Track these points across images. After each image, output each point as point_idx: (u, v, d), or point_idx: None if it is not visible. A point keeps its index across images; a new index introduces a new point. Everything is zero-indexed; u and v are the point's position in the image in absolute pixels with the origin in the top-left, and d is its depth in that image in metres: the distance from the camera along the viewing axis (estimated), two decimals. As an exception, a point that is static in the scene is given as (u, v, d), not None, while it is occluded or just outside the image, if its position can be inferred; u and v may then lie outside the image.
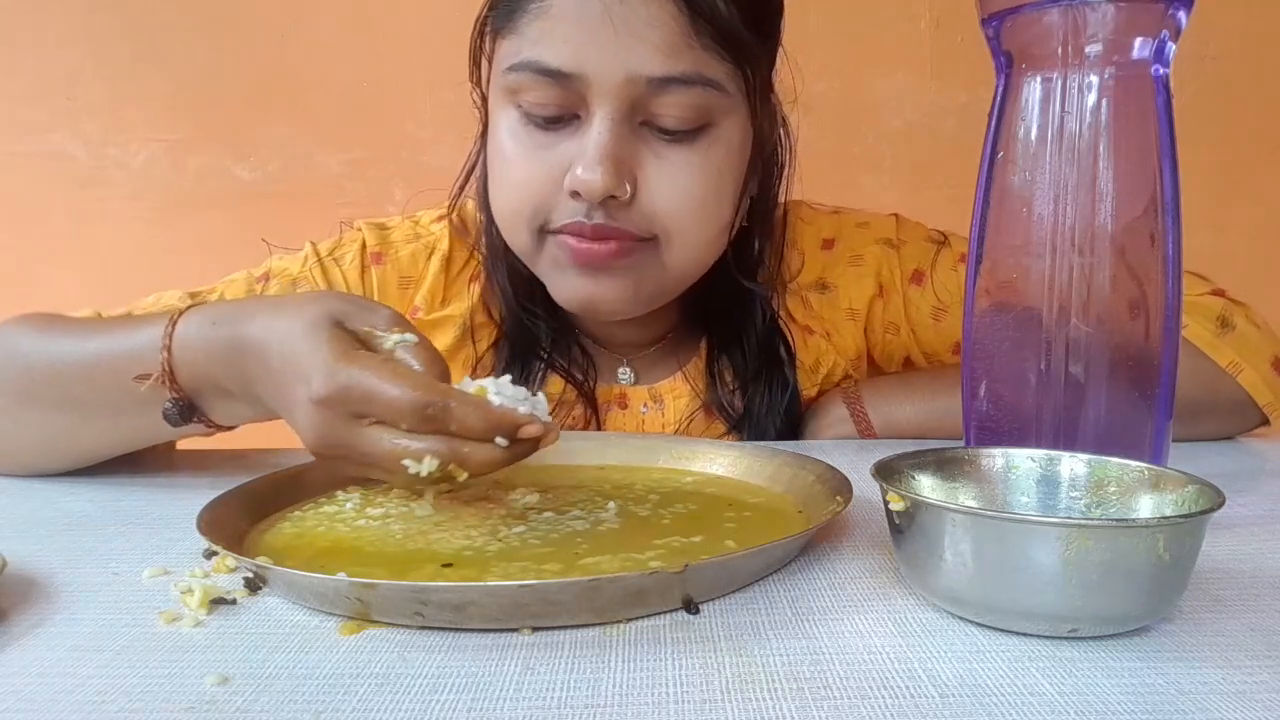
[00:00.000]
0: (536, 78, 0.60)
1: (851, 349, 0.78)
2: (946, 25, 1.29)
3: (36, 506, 0.55)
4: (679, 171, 0.62)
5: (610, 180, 0.59)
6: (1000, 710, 0.29)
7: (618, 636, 0.35)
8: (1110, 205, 0.45)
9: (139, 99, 1.33)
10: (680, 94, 0.60)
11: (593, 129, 0.60)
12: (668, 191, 0.62)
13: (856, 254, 0.77)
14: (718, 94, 0.61)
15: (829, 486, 0.48)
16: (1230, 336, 0.67)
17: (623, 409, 0.76)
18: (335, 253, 0.77)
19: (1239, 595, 0.39)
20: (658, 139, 0.62)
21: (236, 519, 0.46)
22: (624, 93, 0.59)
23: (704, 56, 0.60)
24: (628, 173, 0.61)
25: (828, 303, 0.77)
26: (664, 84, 0.59)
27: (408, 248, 0.77)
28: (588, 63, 0.59)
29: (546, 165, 0.62)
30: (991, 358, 0.49)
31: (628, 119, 0.61)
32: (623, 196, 0.61)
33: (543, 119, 0.62)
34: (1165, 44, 0.45)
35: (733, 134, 0.64)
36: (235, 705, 0.30)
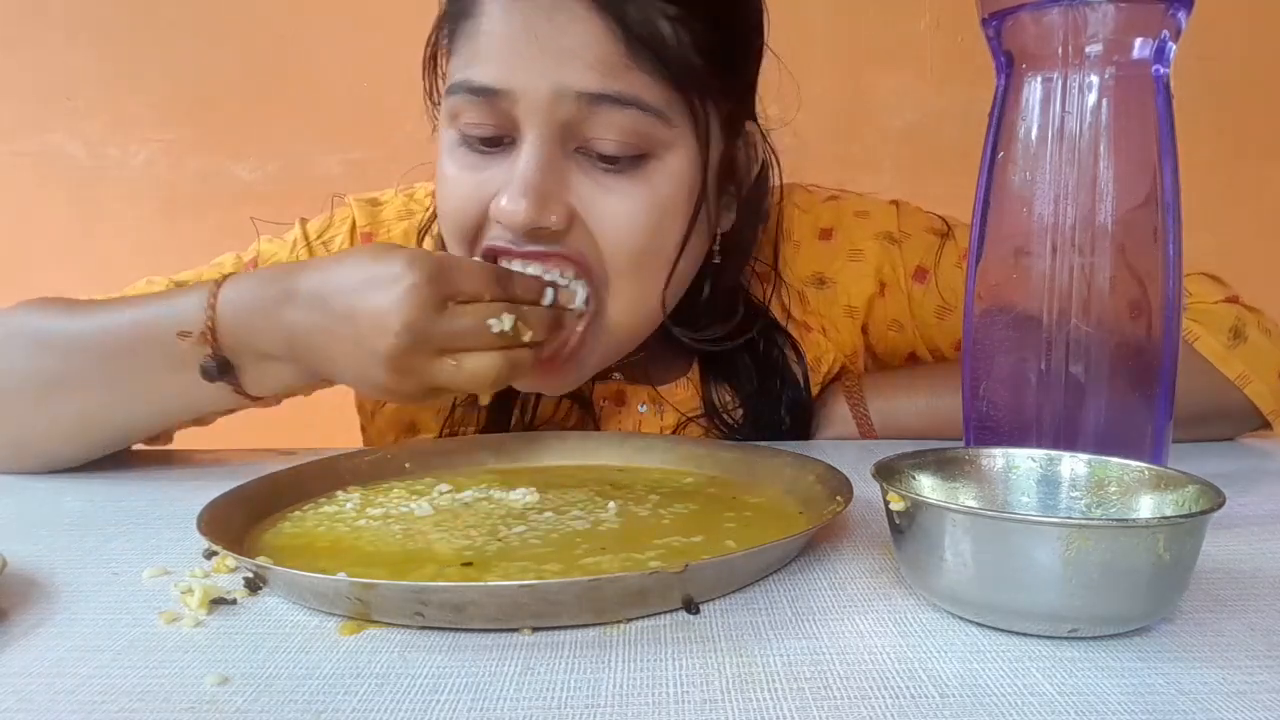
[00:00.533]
0: (468, 98, 0.58)
1: (848, 345, 0.77)
2: (946, 25, 1.29)
3: (36, 506, 0.55)
4: (618, 201, 0.58)
5: (533, 212, 0.56)
6: (1000, 710, 0.29)
7: (618, 636, 0.35)
8: (1110, 205, 0.45)
9: (139, 99, 1.33)
10: (614, 115, 0.56)
11: (520, 155, 0.57)
12: (607, 221, 0.58)
13: (856, 248, 0.75)
14: (658, 122, 0.57)
15: (829, 486, 0.48)
16: (1242, 348, 0.66)
17: (619, 405, 0.74)
18: (325, 234, 0.76)
19: (1239, 595, 0.39)
20: (594, 167, 0.58)
21: (236, 519, 0.46)
22: (553, 111, 0.56)
23: (642, 79, 0.56)
24: (557, 202, 0.57)
25: (825, 299, 0.75)
26: (595, 101, 0.55)
27: (400, 225, 0.76)
28: (514, 79, 0.56)
29: (479, 188, 0.59)
30: (991, 358, 0.49)
31: (559, 143, 0.57)
32: (552, 226, 0.57)
33: (477, 140, 0.59)
34: (1165, 44, 0.45)
35: (679, 166, 0.59)
36: (235, 705, 0.30)
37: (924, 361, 0.79)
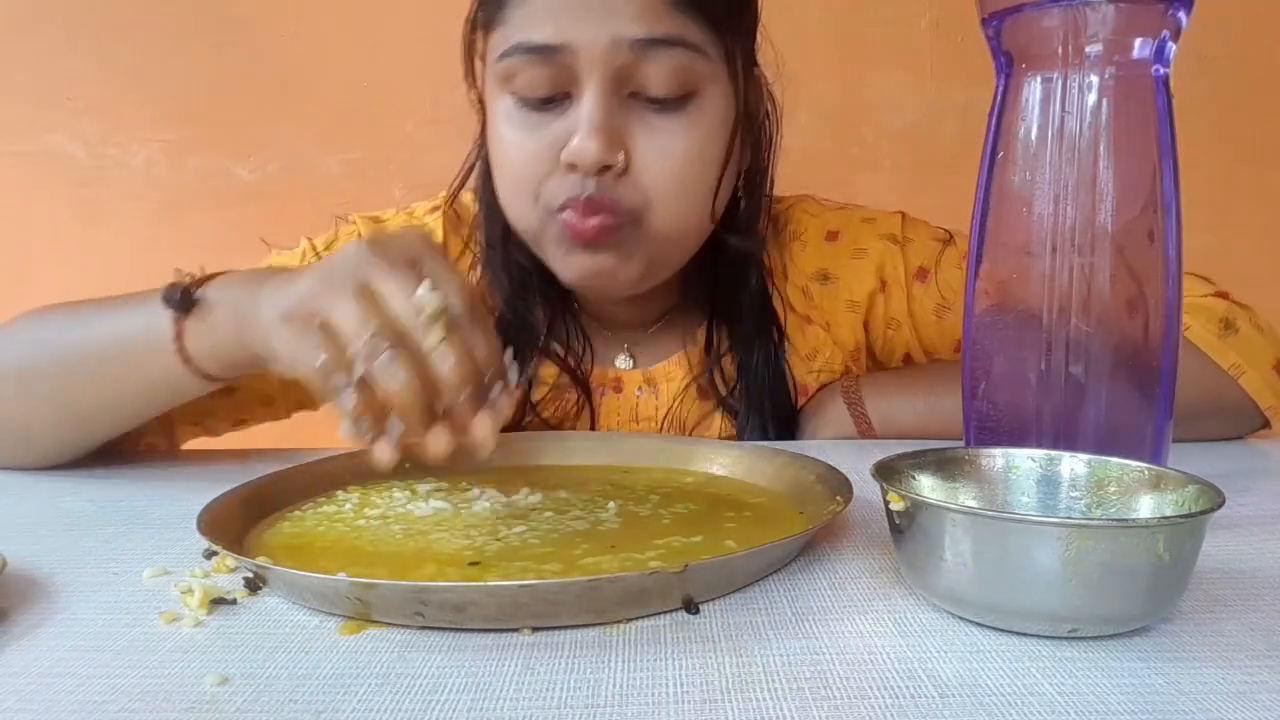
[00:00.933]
0: (527, 58, 0.62)
1: (850, 341, 0.78)
2: (946, 25, 1.29)
3: (36, 506, 0.55)
4: (668, 139, 0.64)
5: (603, 150, 0.61)
6: (1000, 710, 0.29)
7: (618, 636, 0.35)
8: (1110, 205, 0.45)
9: (139, 99, 1.33)
10: (664, 57, 0.62)
11: (584, 103, 0.62)
12: (658, 160, 0.64)
13: (860, 247, 0.78)
14: (700, 58, 0.63)
15: (829, 486, 0.48)
16: (1233, 339, 0.67)
17: (617, 392, 0.77)
18: (332, 247, 0.78)
19: (1239, 595, 0.39)
20: (646, 109, 0.64)
21: (236, 519, 0.46)
22: (610, 60, 0.61)
23: (683, 21, 0.62)
24: (619, 143, 0.63)
25: (828, 294, 0.78)
26: (647, 46, 0.61)
27: None
28: (573, 34, 0.61)
29: (542, 143, 0.64)
30: (991, 358, 0.49)
31: (616, 90, 0.63)
32: (616, 166, 0.63)
33: (536, 100, 0.64)
34: (1165, 44, 0.45)
35: (718, 102, 0.66)
36: (235, 705, 0.30)
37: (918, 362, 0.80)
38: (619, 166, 0.63)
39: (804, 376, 0.78)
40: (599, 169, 0.62)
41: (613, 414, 0.77)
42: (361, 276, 0.45)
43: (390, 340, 0.43)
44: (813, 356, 0.78)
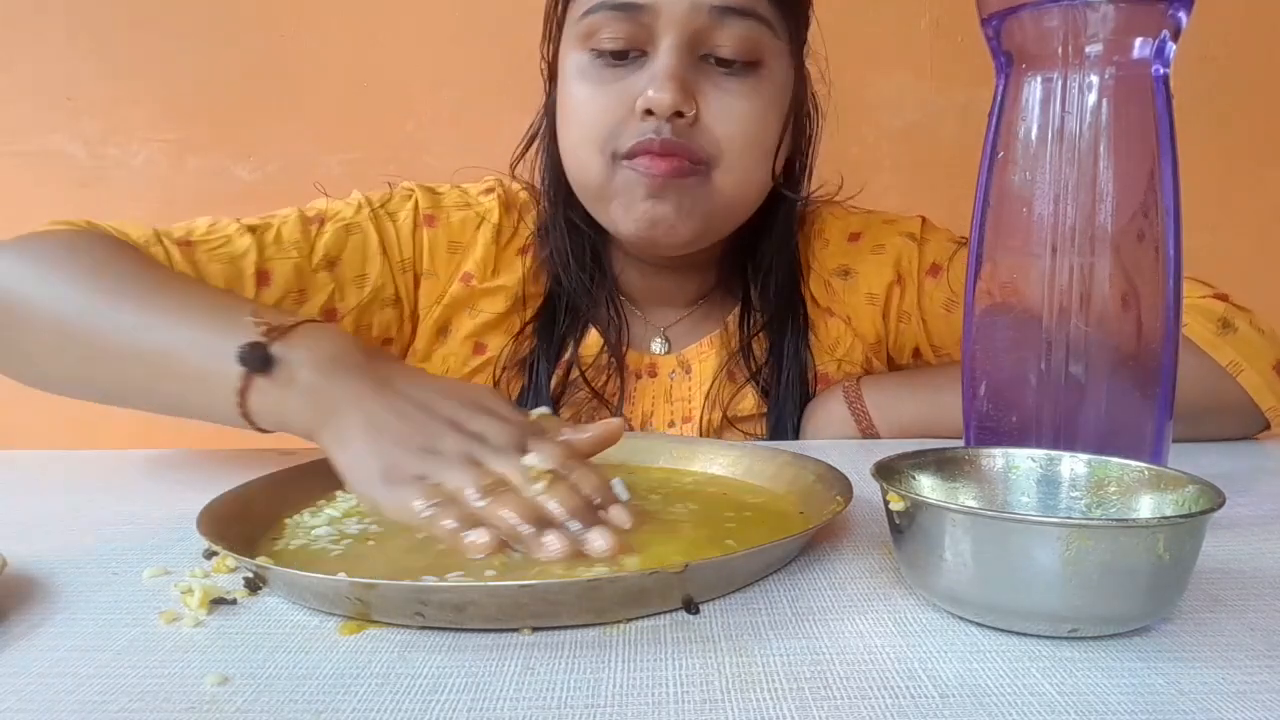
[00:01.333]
0: (610, 14, 0.67)
1: (870, 333, 0.81)
2: (946, 25, 1.29)
3: (36, 506, 0.55)
4: (734, 100, 0.69)
5: (678, 96, 0.66)
6: (1000, 710, 0.29)
7: (618, 636, 0.35)
8: (1110, 205, 0.45)
9: (139, 99, 1.33)
10: (736, 26, 0.67)
11: (659, 57, 0.67)
12: (724, 116, 0.69)
13: (879, 243, 0.81)
14: (768, 32, 0.69)
15: (829, 486, 0.48)
16: (1231, 337, 0.67)
17: (652, 377, 0.80)
18: (389, 205, 0.79)
19: (1239, 595, 0.39)
20: (715, 70, 0.69)
21: (236, 519, 0.46)
22: (688, 21, 0.66)
23: None
24: (692, 95, 0.67)
25: (849, 287, 0.81)
26: (723, 14, 0.67)
27: (459, 214, 0.80)
28: None
29: (618, 94, 0.68)
30: (991, 358, 0.49)
31: (690, 49, 0.67)
32: (688, 113, 0.67)
33: (611, 55, 0.68)
34: (1165, 44, 0.45)
35: (779, 75, 0.71)
36: (235, 705, 0.30)
37: (927, 359, 0.81)
38: (690, 115, 0.67)
39: (826, 365, 0.80)
40: (673, 114, 0.66)
41: (647, 395, 0.80)
42: (469, 451, 0.46)
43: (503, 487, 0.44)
44: (834, 347, 0.80)
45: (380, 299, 0.77)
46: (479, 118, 1.26)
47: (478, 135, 1.26)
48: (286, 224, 0.75)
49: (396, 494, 0.45)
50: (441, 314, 0.79)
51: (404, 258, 0.78)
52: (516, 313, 0.79)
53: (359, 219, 0.77)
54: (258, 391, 0.51)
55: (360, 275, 0.76)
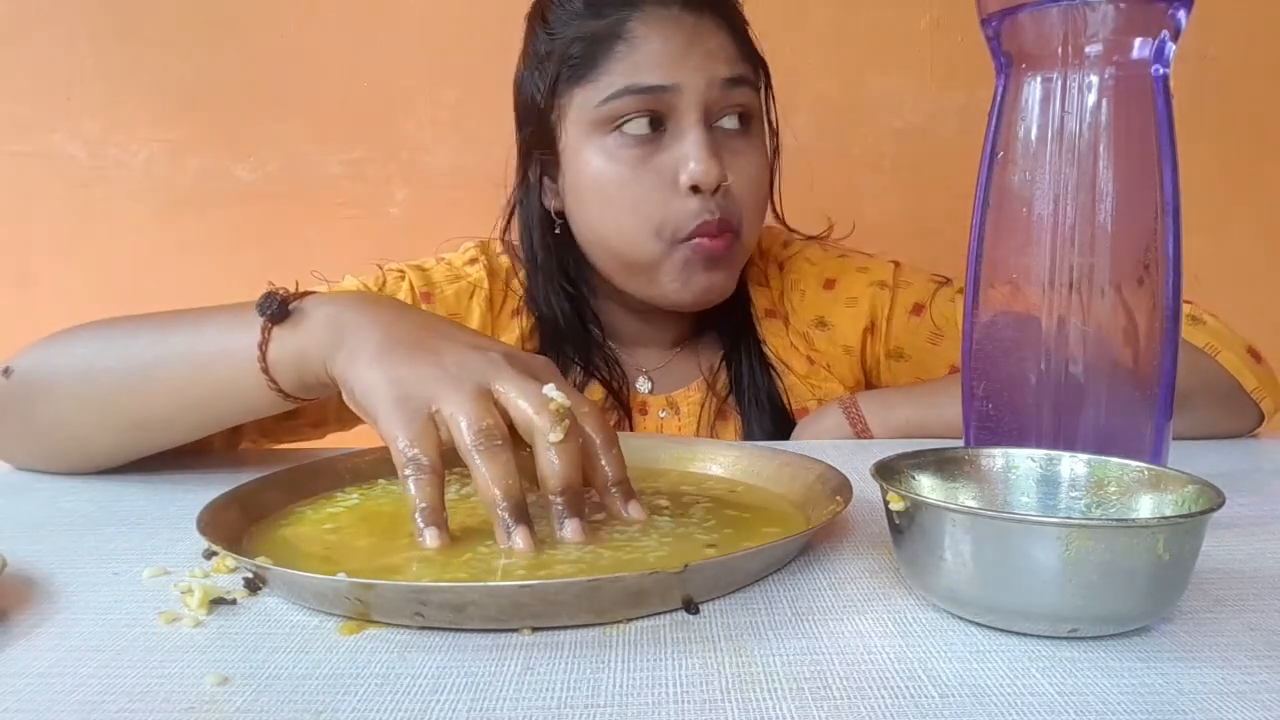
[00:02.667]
0: (637, 99, 0.72)
1: (850, 379, 0.86)
2: (946, 25, 1.29)
3: (36, 506, 0.55)
4: (746, 162, 0.76)
5: (719, 170, 0.72)
6: (1000, 710, 0.29)
7: (618, 636, 0.35)
8: (1110, 205, 0.45)
9: (139, 99, 1.33)
10: (738, 93, 0.74)
11: (689, 132, 0.73)
12: (744, 179, 0.75)
13: (852, 295, 0.85)
14: (754, 94, 0.77)
15: (829, 486, 0.48)
16: (1202, 328, 0.70)
17: (643, 415, 0.84)
18: (386, 288, 0.81)
19: (1239, 595, 0.39)
20: (727, 137, 0.75)
21: (236, 519, 0.46)
22: (706, 95, 0.73)
23: (746, 65, 0.76)
24: (723, 165, 0.73)
25: (826, 339, 0.85)
26: (731, 85, 0.74)
27: (451, 287, 0.83)
28: (681, 74, 0.72)
29: (656, 171, 0.73)
30: (991, 358, 0.49)
31: (709, 121, 0.74)
32: (726, 184, 0.73)
33: (642, 136, 0.73)
34: (1165, 44, 0.45)
35: (762, 130, 0.79)
36: (235, 705, 0.30)
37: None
38: (727, 183, 0.73)
39: (807, 400, 0.83)
40: (715, 188, 0.72)
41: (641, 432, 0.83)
42: (485, 379, 0.45)
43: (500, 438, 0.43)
44: (816, 387, 0.84)
45: None
46: (479, 118, 1.26)
47: (478, 135, 1.26)
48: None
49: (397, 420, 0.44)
50: None
51: None
52: None
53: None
54: (277, 341, 0.52)
55: None
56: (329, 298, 0.53)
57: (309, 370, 0.51)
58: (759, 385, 0.82)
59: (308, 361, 0.51)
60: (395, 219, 1.30)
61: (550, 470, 0.43)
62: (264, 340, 0.52)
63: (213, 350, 0.55)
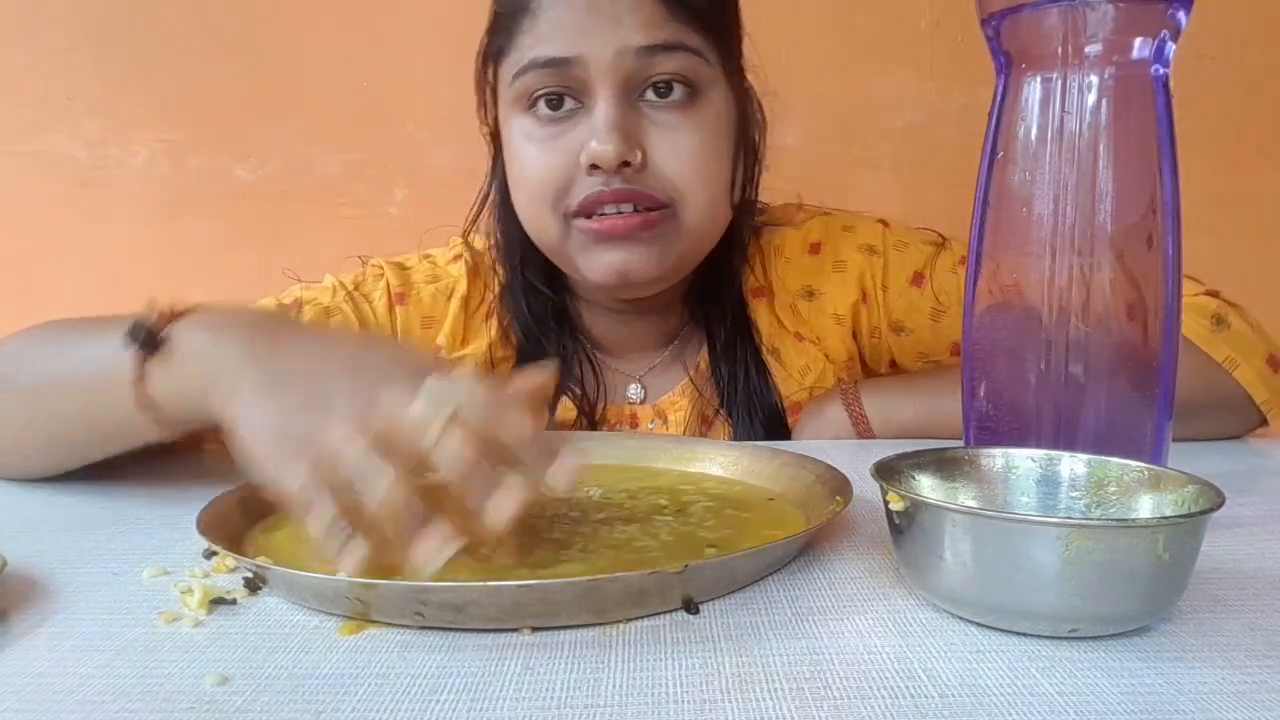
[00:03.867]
0: (540, 73, 0.67)
1: (841, 353, 0.80)
2: (946, 25, 1.29)
3: (36, 506, 0.55)
4: (680, 135, 0.68)
5: (621, 147, 0.65)
6: (1000, 710, 0.29)
7: (618, 636, 0.35)
8: (1110, 205, 0.45)
9: (139, 99, 1.33)
10: (667, 61, 0.67)
11: (598, 108, 0.66)
12: (673, 154, 0.68)
13: (840, 259, 0.80)
14: (700, 61, 0.68)
15: (829, 486, 0.48)
16: (1225, 333, 0.68)
17: (634, 428, 0.80)
18: (363, 288, 0.79)
19: (1239, 595, 0.39)
20: (656, 110, 0.68)
21: (236, 519, 0.46)
22: (618, 67, 0.66)
23: (681, 28, 0.67)
24: (635, 141, 0.67)
25: (815, 309, 0.80)
26: (651, 53, 0.66)
27: (429, 288, 0.80)
28: (584, 45, 0.66)
29: (563, 150, 0.68)
30: (991, 358, 0.49)
31: (626, 95, 0.67)
32: (635, 162, 0.66)
33: (551, 115, 0.68)
34: (1165, 44, 0.45)
35: (718, 103, 0.70)
36: (235, 705, 0.30)
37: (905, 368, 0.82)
38: (638, 162, 0.67)
39: (795, 394, 0.78)
40: (618, 164, 0.66)
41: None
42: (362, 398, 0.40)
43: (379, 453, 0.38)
44: (805, 373, 0.79)
45: None
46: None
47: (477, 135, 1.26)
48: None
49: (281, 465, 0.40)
50: None
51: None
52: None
53: (336, 302, 0.77)
54: (152, 377, 0.49)
55: None
56: (199, 328, 0.49)
57: (187, 404, 0.48)
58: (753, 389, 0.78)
59: (185, 398, 0.48)
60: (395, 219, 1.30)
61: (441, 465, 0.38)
62: (139, 376, 0.49)
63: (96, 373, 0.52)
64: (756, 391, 0.78)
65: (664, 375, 0.81)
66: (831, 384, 0.79)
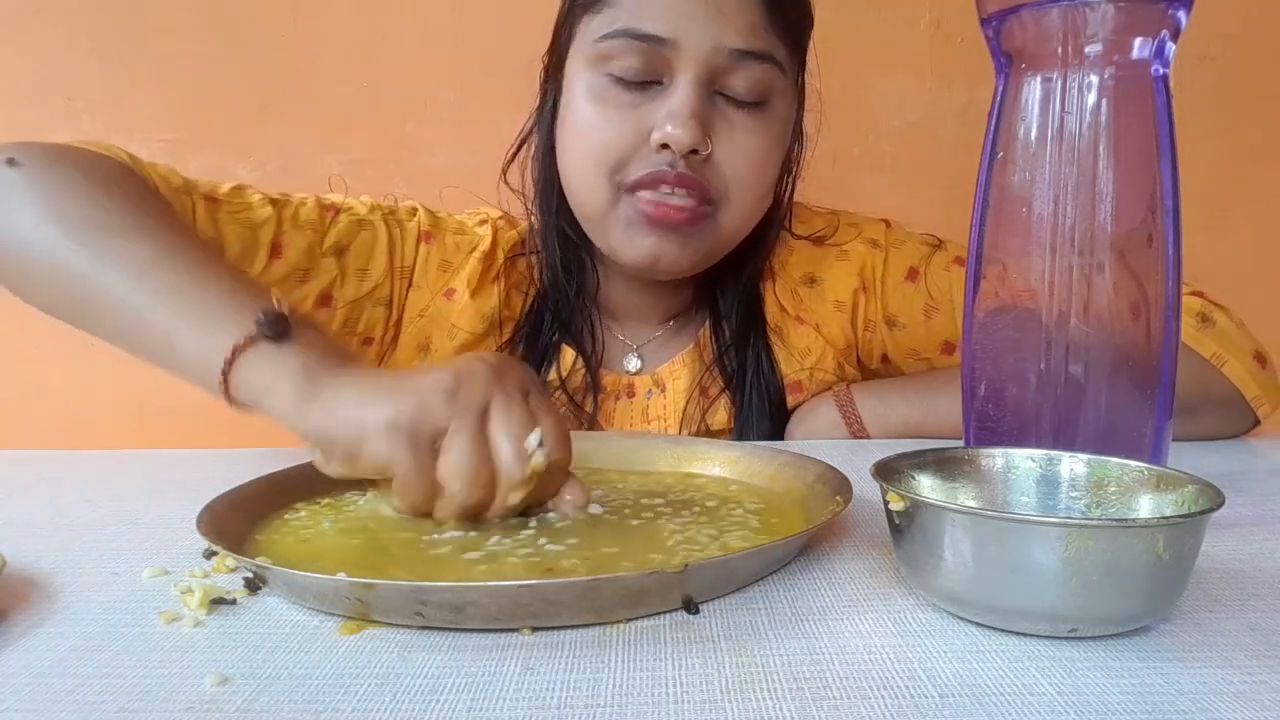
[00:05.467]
0: (631, 44, 0.67)
1: (840, 339, 0.81)
2: (946, 25, 1.29)
3: (36, 506, 0.55)
4: (745, 137, 0.70)
5: (697, 135, 0.67)
6: (1000, 710, 0.29)
7: (618, 636, 0.35)
8: (1110, 205, 0.45)
9: (139, 99, 1.33)
10: (752, 68, 0.68)
11: (678, 91, 0.67)
12: (736, 155, 0.70)
13: (843, 250, 0.82)
14: (779, 73, 0.70)
15: (829, 486, 0.48)
16: (1211, 331, 0.69)
17: (630, 398, 0.80)
18: (397, 214, 0.80)
19: (1239, 595, 0.39)
20: (728, 108, 0.69)
21: (236, 519, 0.46)
22: (708, 60, 0.67)
23: (773, 40, 0.69)
24: (707, 133, 0.68)
25: (816, 295, 0.81)
26: (742, 57, 0.67)
27: (454, 238, 0.81)
28: (682, 31, 0.66)
29: (632, 121, 0.68)
30: (991, 358, 0.49)
31: (706, 86, 0.68)
32: (704, 151, 0.68)
33: (628, 82, 0.68)
34: (1165, 44, 0.45)
35: (785, 112, 0.73)
36: (235, 705, 0.30)
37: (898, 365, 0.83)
38: (706, 153, 0.68)
39: (796, 373, 0.80)
40: (689, 151, 0.67)
41: (625, 416, 0.80)
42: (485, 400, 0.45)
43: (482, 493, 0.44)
44: (805, 354, 0.80)
45: (375, 296, 0.78)
46: (479, 118, 1.26)
47: (477, 135, 1.26)
48: (305, 205, 0.76)
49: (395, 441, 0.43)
50: (423, 327, 0.80)
51: (405, 264, 0.79)
52: (493, 335, 0.80)
53: (372, 217, 0.78)
54: (256, 355, 0.48)
55: (363, 269, 0.77)
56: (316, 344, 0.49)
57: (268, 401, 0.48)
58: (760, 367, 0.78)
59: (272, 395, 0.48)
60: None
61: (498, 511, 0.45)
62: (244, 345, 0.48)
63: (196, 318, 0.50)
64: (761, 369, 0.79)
65: (663, 348, 0.82)
66: (831, 366, 0.81)
